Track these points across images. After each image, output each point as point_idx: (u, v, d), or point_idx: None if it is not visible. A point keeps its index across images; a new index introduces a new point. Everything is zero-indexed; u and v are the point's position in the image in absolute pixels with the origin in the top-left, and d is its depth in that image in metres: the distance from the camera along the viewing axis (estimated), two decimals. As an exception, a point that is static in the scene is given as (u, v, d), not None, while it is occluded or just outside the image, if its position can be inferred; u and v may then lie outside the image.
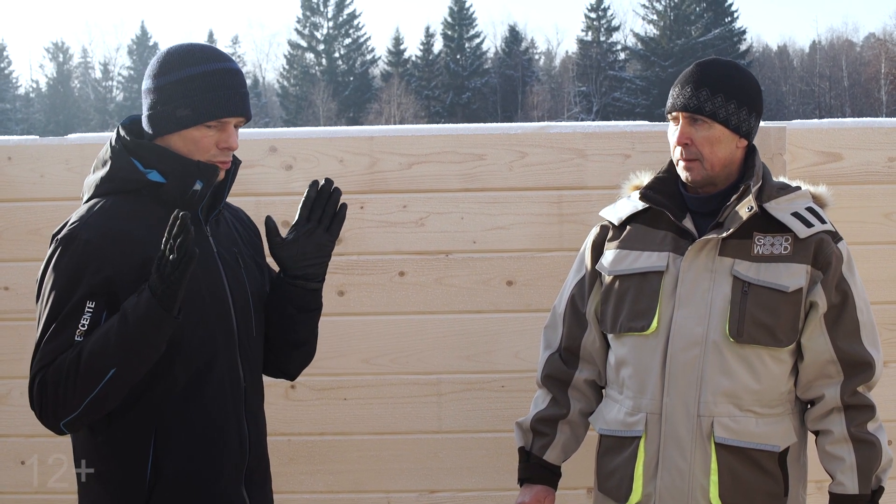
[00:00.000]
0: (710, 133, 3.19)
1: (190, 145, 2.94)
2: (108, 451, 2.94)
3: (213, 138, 2.95)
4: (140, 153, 2.94)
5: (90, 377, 2.77)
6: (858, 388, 3.20)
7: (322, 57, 79.36)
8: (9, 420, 4.30)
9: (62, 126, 75.47)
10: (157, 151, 2.94)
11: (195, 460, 2.98)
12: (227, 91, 2.95)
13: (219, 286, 3.04)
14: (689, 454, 3.19)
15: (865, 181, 4.16)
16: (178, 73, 2.92)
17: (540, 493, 3.48)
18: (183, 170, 2.93)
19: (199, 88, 2.92)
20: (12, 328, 4.26)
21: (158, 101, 2.93)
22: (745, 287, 3.16)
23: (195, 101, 2.91)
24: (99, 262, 2.83)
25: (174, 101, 2.91)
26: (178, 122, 2.92)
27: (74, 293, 2.82)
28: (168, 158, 2.93)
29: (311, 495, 4.31)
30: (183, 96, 2.91)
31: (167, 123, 2.93)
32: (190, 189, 2.94)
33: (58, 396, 2.80)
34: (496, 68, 79.67)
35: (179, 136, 2.94)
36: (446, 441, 4.29)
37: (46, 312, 2.85)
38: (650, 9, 75.80)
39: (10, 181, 4.23)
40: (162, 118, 2.93)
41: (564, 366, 3.49)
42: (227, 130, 2.97)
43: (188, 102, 2.91)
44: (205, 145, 2.95)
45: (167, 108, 2.92)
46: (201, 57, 2.96)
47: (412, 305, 4.24)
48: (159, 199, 2.95)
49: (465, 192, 4.22)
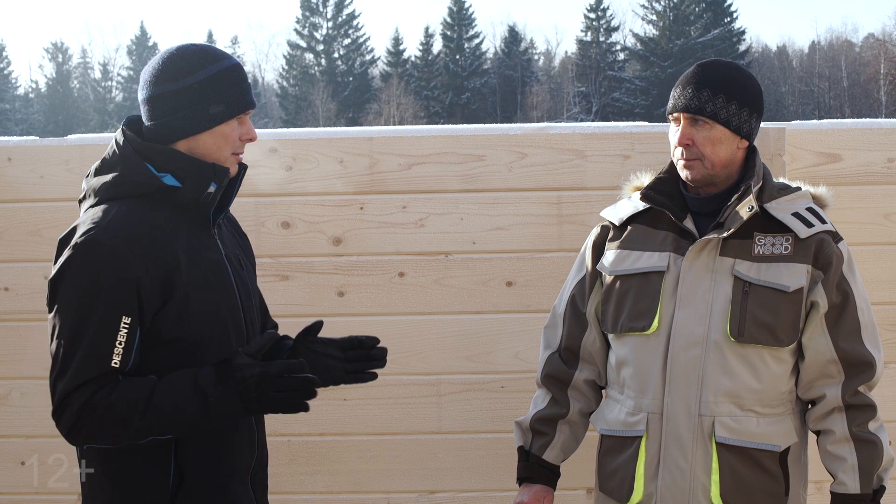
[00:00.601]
0: (711, 134, 3.20)
1: (220, 141, 2.97)
2: (129, 456, 2.92)
3: (237, 132, 3.00)
4: (153, 157, 2.93)
5: (144, 431, 2.81)
6: (859, 388, 3.21)
7: (321, 57, 79.36)
8: (8, 421, 4.30)
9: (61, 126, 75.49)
10: (172, 155, 2.93)
11: (215, 462, 3.00)
12: (246, 84, 3.02)
13: (230, 289, 3.06)
14: (691, 454, 3.19)
15: (865, 182, 4.17)
16: (204, 71, 2.93)
17: (539, 492, 3.48)
18: (199, 173, 2.95)
19: (226, 84, 2.95)
20: (12, 329, 4.26)
21: (186, 102, 2.92)
22: (745, 287, 3.17)
23: (226, 97, 2.95)
24: (126, 267, 2.80)
25: (206, 99, 2.92)
26: (211, 119, 2.94)
27: (102, 303, 2.79)
28: (184, 161, 2.94)
29: (310, 496, 4.32)
30: (215, 93, 2.93)
31: (200, 122, 2.93)
32: (204, 192, 2.96)
33: (102, 428, 2.80)
34: (495, 69, 79.67)
35: (210, 133, 2.95)
36: (446, 441, 4.30)
37: (71, 323, 2.80)
38: (649, 9, 75.84)
39: (10, 182, 4.23)
40: (193, 118, 2.93)
41: (564, 366, 3.50)
42: (247, 123, 3.03)
43: (220, 98, 2.94)
44: (233, 139, 2.99)
45: (199, 107, 2.92)
46: (217, 55, 2.99)
47: (412, 306, 4.25)
48: (172, 202, 2.95)
49: (464, 193, 4.23)
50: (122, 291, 2.79)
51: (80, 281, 2.80)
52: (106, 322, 2.79)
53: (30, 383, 4.27)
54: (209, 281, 2.97)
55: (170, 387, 2.81)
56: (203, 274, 2.95)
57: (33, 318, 4.21)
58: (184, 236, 2.94)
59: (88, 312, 2.78)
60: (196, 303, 2.92)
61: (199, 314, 2.93)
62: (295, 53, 79.98)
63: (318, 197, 4.22)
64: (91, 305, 2.78)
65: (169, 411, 2.79)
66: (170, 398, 2.79)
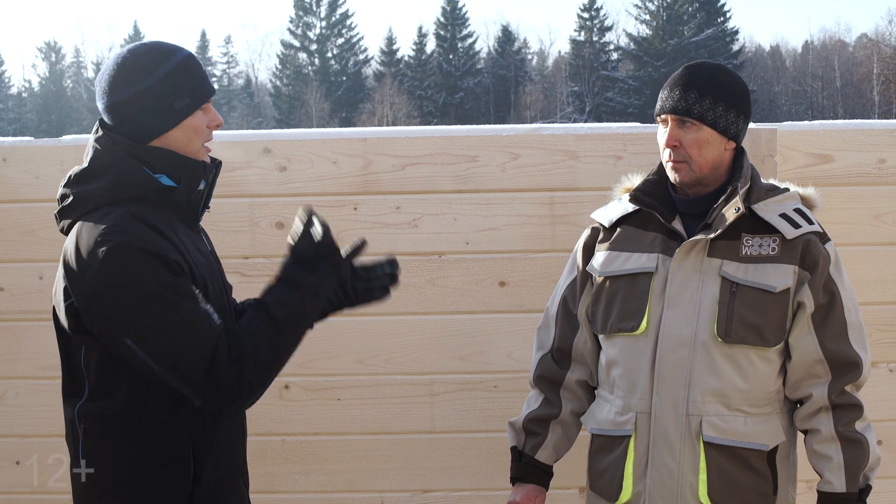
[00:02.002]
0: (698, 135, 3.22)
1: (190, 133, 2.96)
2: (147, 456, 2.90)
3: (204, 121, 3.00)
4: (147, 158, 2.92)
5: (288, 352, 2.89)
6: (846, 388, 3.22)
7: (315, 57, 79.37)
8: (4, 420, 4.31)
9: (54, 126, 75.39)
10: (166, 155, 2.93)
11: (226, 454, 3.02)
12: (202, 71, 3.02)
13: (220, 282, 3.10)
14: (679, 453, 3.21)
15: (856, 183, 4.19)
16: (162, 68, 2.92)
17: (531, 492, 3.50)
18: (192, 171, 2.96)
19: (186, 76, 2.95)
20: (7, 329, 4.27)
21: (151, 102, 2.91)
22: (733, 287, 3.19)
23: (189, 89, 2.94)
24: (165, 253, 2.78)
25: (171, 95, 2.92)
26: (178, 113, 2.93)
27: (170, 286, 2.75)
28: (178, 160, 2.94)
29: (304, 495, 4.33)
30: (177, 87, 2.92)
31: (168, 118, 2.93)
32: (195, 190, 2.98)
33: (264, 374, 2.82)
34: (489, 68, 79.74)
35: (180, 128, 2.95)
36: (439, 441, 4.31)
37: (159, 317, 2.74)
38: (643, 9, 75.90)
39: (5, 182, 4.24)
40: (161, 115, 2.92)
41: (556, 366, 3.52)
42: (211, 111, 3.03)
43: (183, 91, 2.93)
44: (202, 130, 2.98)
45: (164, 104, 2.91)
46: (169, 49, 2.98)
47: (405, 306, 4.26)
48: (165, 202, 2.94)
49: (458, 194, 4.24)
50: (174, 270, 2.79)
51: (138, 285, 2.74)
52: (187, 296, 2.78)
53: (25, 383, 4.28)
54: (207, 276, 2.98)
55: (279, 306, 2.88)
56: (202, 270, 2.97)
57: (28, 318, 4.22)
58: (182, 234, 2.95)
59: (170, 299, 2.75)
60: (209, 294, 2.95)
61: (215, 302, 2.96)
62: (288, 53, 79.98)
63: (312, 197, 4.22)
64: (167, 294, 2.75)
65: (294, 322, 2.89)
66: (288, 310, 2.88)
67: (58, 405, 4.14)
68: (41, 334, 4.23)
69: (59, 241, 4.14)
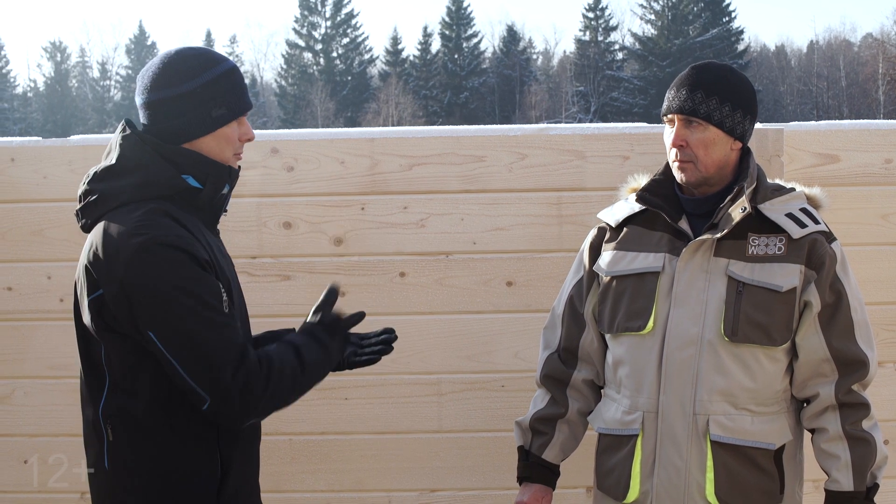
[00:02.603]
0: (704, 135, 3.23)
1: (222, 143, 3.00)
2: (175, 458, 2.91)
3: (237, 133, 3.03)
4: (176, 159, 2.95)
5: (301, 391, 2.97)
6: (853, 387, 3.23)
7: (320, 56, 79.39)
8: (11, 419, 4.32)
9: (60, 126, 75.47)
10: (195, 157, 2.96)
11: (246, 457, 3.06)
12: (244, 85, 3.06)
13: (238, 285, 3.13)
14: (686, 452, 3.21)
15: (862, 183, 4.19)
16: (206, 75, 2.96)
17: (538, 491, 3.51)
18: (218, 174, 3.00)
19: (227, 87, 2.99)
20: (15, 328, 4.28)
21: (189, 106, 2.94)
22: (739, 287, 3.19)
23: (228, 100, 2.98)
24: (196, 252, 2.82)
25: (210, 103, 2.95)
26: (214, 121, 2.97)
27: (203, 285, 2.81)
28: (205, 163, 2.97)
29: (312, 494, 4.34)
30: (217, 96, 2.96)
31: (202, 125, 2.96)
32: (219, 193, 3.03)
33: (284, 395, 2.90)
34: (494, 68, 79.71)
35: (213, 136, 2.98)
36: (446, 440, 4.32)
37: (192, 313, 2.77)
38: (648, 9, 75.88)
39: (13, 182, 4.26)
40: (196, 121, 2.95)
41: (563, 366, 3.53)
42: (245, 124, 3.07)
43: (223, 101, 2.97)
44: (234, 140, 3.02)
45: (202, 111, 2.95)
46: (216, 58, 3.02)
47: (413, 306, 4.27)
48: (190, 203, 2.98)
49: (465, 194, 4.25)
50: (204, 267, 2.83)
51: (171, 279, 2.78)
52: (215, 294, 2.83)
53: (32, 382, 4.29)
54: (231, 278, 3.03)
55: (305, 347, 2.97)
56: (226, 272, 3.00)
57: (36, 317, 4.24)
58: (207, 235, 3.00)
59: (202, 299, 2.78)
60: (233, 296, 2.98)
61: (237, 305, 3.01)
62: (293, 53, 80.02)
63: (320, 197, 4.24)
64: (198, 292, 2.79)
65: (314, 369, 2.98)
66: (312, 356, 2.98)
67: (66, 405, 4.19)
68: (49, 334, 4.25)
69: (67, 241, 4.19)
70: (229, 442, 2.97)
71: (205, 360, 2.76)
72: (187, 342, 2.76)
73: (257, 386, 2.79)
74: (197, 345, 2.76)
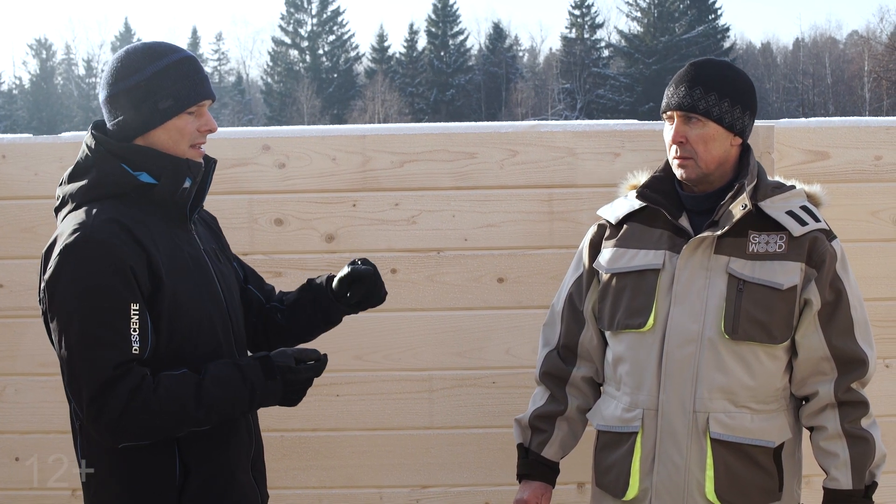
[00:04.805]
0: (704, 131, 3.23)
1: (175, 135, 3.00)
2: (135, 453, 2.93)
3: (193, 124, 3.02)
4: (128, 156, 2.97)
5: (194, 424, 2.90)
6: (852, 385, 3.24)
7: (306, 54, 79.19)
8: (3, 417, 4.31)
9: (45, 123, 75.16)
10: (146, 152, 2.97)
11: (217, 453, 3.04)
12: (198, 76, 3.03)
13: (212, 283, 3.10)
14: (685, 449, 3.22)
15: (852, 179, 4.21)
16: (149, 68, 2.96)
17: (538, 489, 3.52)
18: (174, 168, 2.98)
19: (173, 78, 2.98)
20: (7, 325, 4.28)
21: (136, 100, 2.95)
22: (739, 284, 3.20)
23: (174, 91, 2.97)
24: (120, 258, 2.83)
25: (154, 95, 2.95)
26: (161, 114, 2.96)
27: (107, 295, 2.81)
28: (158, 158, 2.97)
29: (303, 491, 4.34)
30: (161, 88, 2.96)
31: (151, 119, 2.96)
32: (180, 187, 3.00)
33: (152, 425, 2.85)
34: (480, 65, 79.58)
35: (163, 129, 2.98)
36: (438, 437, 4.33)
37: (81, 322, 2.81)
38: (634, 6, 75.79)
39: (4, 179, 4.25)
40: (144, 115, 2.96)
41: (562, 363, 3.53)
42: (204, 114, 3.06)
43: (168, 93, 2.96)
44: (189, 132, 3.01)
45: (148, 104, 2.95)
46: (164, 50, 3.02)
47: (404, 302, 4.27)
48: (149, 200, 2.98)
49: (456, 191, 4.25)
50: (122, 280, 2.83)
51: (80, 279, 2.82)
52: (117, 311, 2.82)
53: (24, 379, 4.29)
54: (191, 274, 3.01)
55: (216, 381, 2.89)
56: (185, 267, 3.00)
57: (28, 314, 4.22)
58: (163, 232, 2.99)
59: (97, 307, 2.81)
60: (182, 294, 2.96)
61: (187, 306, 2.97)
62: (279, 50, 79.77)
63: (311, 194, 4.25)
64: (97, 300, 2.81)
65: (220, 405, 2.89)
66: (221, 392, 2.89)
67: (57, 402, 4.18)
68: (40, 331, 4.19)
69: (59, 238, 4.18)
70: (189, 444, 2.98)
71: (73, 377, 2.84)
72: (64, 357, 2.84)
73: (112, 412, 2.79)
74: (69, 363, 2.84)
